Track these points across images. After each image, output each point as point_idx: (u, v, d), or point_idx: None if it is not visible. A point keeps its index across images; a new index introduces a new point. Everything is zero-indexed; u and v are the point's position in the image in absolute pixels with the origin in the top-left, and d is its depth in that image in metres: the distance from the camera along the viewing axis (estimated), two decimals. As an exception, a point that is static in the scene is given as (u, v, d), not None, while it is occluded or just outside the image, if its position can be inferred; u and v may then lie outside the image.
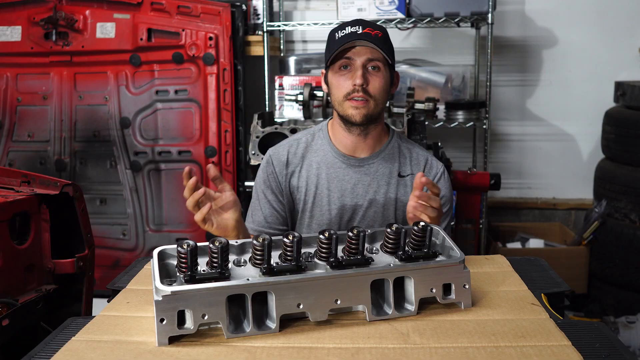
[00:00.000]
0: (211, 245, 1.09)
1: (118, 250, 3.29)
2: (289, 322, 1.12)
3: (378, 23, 3.07)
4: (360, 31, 1.68)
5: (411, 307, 1.15)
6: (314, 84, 3.03)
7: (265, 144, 2.65)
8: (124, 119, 3.23)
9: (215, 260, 1.09)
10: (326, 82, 1.80)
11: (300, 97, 2.99)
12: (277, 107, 3.17)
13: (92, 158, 3.29)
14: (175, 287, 1.03)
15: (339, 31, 1.72)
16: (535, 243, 3.53)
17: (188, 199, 1.44)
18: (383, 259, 1.20)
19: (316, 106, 3.03)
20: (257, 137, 2.68)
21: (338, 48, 1.68)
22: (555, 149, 3.78)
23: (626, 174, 3.22)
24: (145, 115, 3.22)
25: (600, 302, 3.35)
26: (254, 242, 1.13)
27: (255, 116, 2.78)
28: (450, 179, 1.89)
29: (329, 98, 2.94)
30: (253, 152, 2.65)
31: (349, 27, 1.70)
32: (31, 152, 3.33)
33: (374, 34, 1.68)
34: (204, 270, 1.09)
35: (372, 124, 1.77)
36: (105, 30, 3.19)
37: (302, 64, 3.38)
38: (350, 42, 1.66)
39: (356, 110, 1.71)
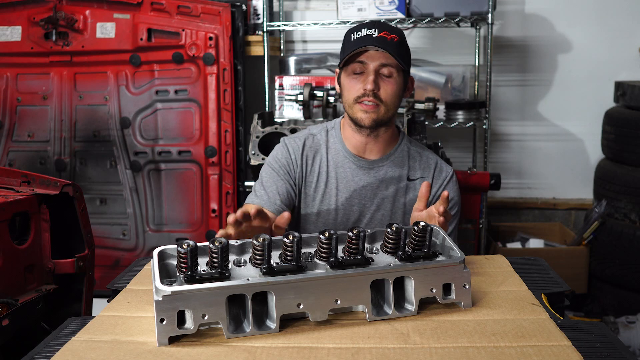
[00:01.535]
0: (211, 245, 1.09)
1: (118, 250, 3.29)
2: (289, 322, 1.12)
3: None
4: (375, 34, 1.66)
5: (411, 307, 1.15)
6: (314, 84, 3.03)
7: (265, 144, 2.66)
8: (124, 119, 3.23)
9: (215, 260, 1.09)
10: (339, 82, 1.79)
11: (300, 97, 2.99)
12: (277, 107, 3.17)
13: (92, 158, 3.29)
14: (175, 287, 1.03)
15: (355, 32, 1.70)
16: (535, 243, 3.53)
17: (233, 220, 1.30)
18: (383, 259, 1.20)
19: (316, 106, 3.03)
20: (257, 137, 2.69)
21: (352, 51, 1.67)
22: (555, 149, 3.78)
23: (626, 174, 3.23)
24: (145, 115, 3.22)
25: (600, 302, 3.36)
26: (254, 242, 1.13)
27: (255, 116, 2.79)
28: (458, 183, 1.88)
29: (333, 98, 2.95)
30: (253, 152, 2.65)
31: (365, 29, 1.68)
32: (31, 152, 3.33)
33: (389, 38, 1.66)
34: (204, 270, 1.09)
35: (382, 127, 1.76)
36: (105, 30, 3.19)
37: (302, 64, 3.38)
38: (364, 46, 1.65)
39: (365, 114, 1.70)
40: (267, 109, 3.28)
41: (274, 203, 1.78)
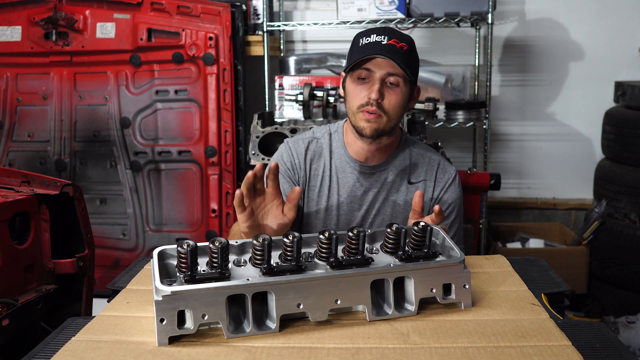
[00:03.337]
0: (211, 245, 1.09)
1: (118, 250, 3.29)
2: (289, 322, 1.11)
3: (378, 24, 3.09)
4: (385, 42, 1.62)
5: (411, 307, 1.15)
6: (314, 84, 3.03)
7: (265, 144, 2.66)
8: (124, 119, 3.23)
9: (215, 260, 1.09)
10: (343, 87, 1.76)
11: (300, 97, 2.99)
12: (277, 107, 3.17)
13: (92, 158, 3.29)
14: (175, 287, 1.03)
15: (364, 37, 1.66)
16: (535, 243, 3.53)
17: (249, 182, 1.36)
18: (383, 259, 1.20)
19: (316, 106, 3.03)
20: (257, 137, 2.69)
21: (359, 57, 1.63)
22: (555, 149, 3.78)
23: (626, 174, 3.23)
24: (145, 115, 3.23)
25: (600, 302, 3.36)
26: (254, 242, 1.13)
27: (255, 116, 2.79)
28: (460, 183, 1.86)
29: (333, 98, 2.95)
30: (253, 152, 2.65)
31: (375, 35, 1.64)
32: (31, 152, 3.33)
33: (399, 46, 1.62)
34: (204, 270, 1.09)
35: (385, 136, 1.73)
36: (105, 30, 3.19)
37: (302, 64, 3.38)
38: (371, 54, 1.61)
39: (367, 124, 1.67)
40: (267, 109, 3.28)
41: None
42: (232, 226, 1.74)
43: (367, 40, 1.65)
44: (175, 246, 1.13)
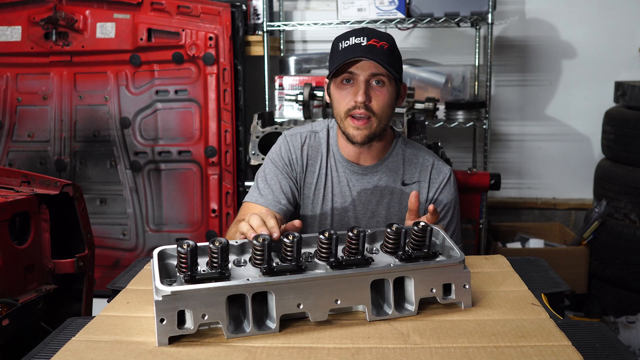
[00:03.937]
0: (211, 245, 1.09)
1: (118, 250, 3.29)
2: (289, 322, 1.12)
3: (378, 24, 3.09)
4: (364, 43, 1.60)
5: (411, 307, 1.15)
6: (314, 84, 3.03)
7: (265, 143, 2.66)
8: (124, 119, 3.23)
9: (215, 260, 1.09)
10: (329, 93, 1.74)
11: (300, 97, 2.99)
12: (277, 107, 3.17)
13: (92, 158, 3.29)
14: (175, 287, 1.03)
15: (343, 41, 1.64)
16: (535, 243, 3.53)
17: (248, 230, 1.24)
18: (383, 259, 1.20)
19: (316, 106, 3.03)
20: (257, 137, 2.69)
21: (341, 62, 1.61)
22: (555, 149, 3.78)
23: (626, 174, 3.23)
24: (145, 115, 3.23)
25: (600, 302, 3.36)
26: (254, 242, 1.13)
27: (255, 116, 2.79)
28: (456, 183, 1.84)
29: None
30: (253, 152, 2.65)
31: (354, 37, 1.62)
32: (31, 152, 3.33)
33: (379, 45, 1.60)
34: (204, 270, 1.09)
35: (375, 139, 1.72)
36: (105, 30, 3.19)
37: (302, 64, 3.38)
38: (353, 58, 1.59)
39: (357, 131, 1.65)
40: (267, 109, 3.28)
41: (279, 202, 1.75)
42: (230, 226, 1.74)
43: (347, 43, 1.63)
44: (175, 246, 1.14)
